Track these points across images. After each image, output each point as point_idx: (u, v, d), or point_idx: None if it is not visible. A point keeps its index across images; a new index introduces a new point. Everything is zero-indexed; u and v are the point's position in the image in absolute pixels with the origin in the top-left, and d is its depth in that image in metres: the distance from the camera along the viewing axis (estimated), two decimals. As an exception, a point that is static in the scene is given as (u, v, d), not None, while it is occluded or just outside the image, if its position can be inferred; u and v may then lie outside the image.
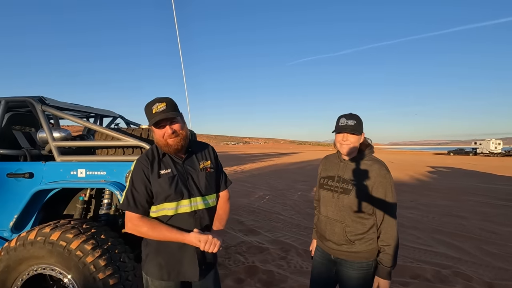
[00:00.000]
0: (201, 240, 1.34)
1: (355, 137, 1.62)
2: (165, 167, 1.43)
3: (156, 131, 1.40)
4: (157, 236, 1.37)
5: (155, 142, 1.47)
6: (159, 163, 1.44)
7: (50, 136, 2.34)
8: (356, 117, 1.64)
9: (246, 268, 3.46)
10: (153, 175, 1.40)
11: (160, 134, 1.39)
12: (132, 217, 1.39)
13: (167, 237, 1.36)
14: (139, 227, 1.38)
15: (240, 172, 15.05)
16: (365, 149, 1.68)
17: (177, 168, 1.45)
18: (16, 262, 1.91)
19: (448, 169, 19.14)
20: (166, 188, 1.39)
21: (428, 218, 6.10)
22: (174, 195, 1.39)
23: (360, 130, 1.62)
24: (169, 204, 1.40)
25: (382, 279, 1.55)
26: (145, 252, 1.49)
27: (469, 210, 6.89)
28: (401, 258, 3.87)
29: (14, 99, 2.52)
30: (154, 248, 1.44)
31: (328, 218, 1.69)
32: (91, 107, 3.32)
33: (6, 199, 2.32)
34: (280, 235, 4.80)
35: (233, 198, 7.88)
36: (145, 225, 1.37)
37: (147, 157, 1.44)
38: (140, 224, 1.37)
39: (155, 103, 1.37)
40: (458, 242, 4.63)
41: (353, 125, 1.61)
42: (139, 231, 1.39)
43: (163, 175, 1.41)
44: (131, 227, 1.40)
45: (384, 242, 1.56)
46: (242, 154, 41.70)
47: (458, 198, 8.48)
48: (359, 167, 1.63)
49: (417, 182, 12.26)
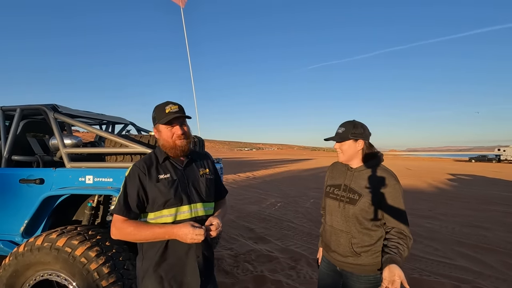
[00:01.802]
0: (195, 225, 1.27)
1: (345, 144, 1.58)
2: (164, 172, 1.40)
3: (164, 131, 1.40)
4: (146, 234, 1.29)
5: (160, 144, 1.44)
6: (157, 168, 1.40)
7: (61, 143, 2.40)
8: (347, 123, 1.59)
9: (254, 278, 3.39)
10: (151, 180, 1.36)
11: (168, 135, 1.39)
12: (115, 220, 1.32)
13: (157, 233, 1.29)
14: (123, 229, 1.30)
15: (252, 178, 15.00)
16: (373, 158, 1.60)
17: (177, 174, 1.42)
18: (23, 267, 1.94)
19: (469, 176, 18.35)
20: (166, 192, 1.34)
21: (447, 229, 5.81)
22: (174, 200, 1.35)
23: (348, 136, 1.56)
24: (168, 210, 1.36)
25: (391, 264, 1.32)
26: (142, 269, 1.38)
27: (492, 221, 6.52)
28: (417, 271, 3.69)
29: (28, 107, 2.60)
30: (154, 262, 1.36)
31: (334, 228, 1.63)
32: (103, 114, 3.39)
33: (18, 204, 2.37)
34: (290, 244, 4.69)
35: (244, 204, 7.86)
36: (130, 225, 1.30)
37: (144, 162, 1.41)
38: (124, 226, 1.30)
39: (168, 104, 1.40)
40: (480, 255, 4.37)
41: (341, 132, 1.57)
42: (125, 233, 1.30)
43: (162, 180, 1.37)
44: (115, 231, 1.32)
45: (396, 255, 1.38)
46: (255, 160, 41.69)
47: (481, 207, 8.07)
48: (367, 177, 1.55)
49: (435, 190, 11.79)
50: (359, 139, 1.57)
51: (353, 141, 1.57)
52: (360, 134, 1.57)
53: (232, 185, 12.04)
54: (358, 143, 1.58)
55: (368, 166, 1.59)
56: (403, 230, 1.45)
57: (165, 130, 1.40)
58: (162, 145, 1.43)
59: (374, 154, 1.62)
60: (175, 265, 1.37)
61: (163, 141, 1.41)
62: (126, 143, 2.29)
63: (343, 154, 1.61)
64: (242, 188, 11.32)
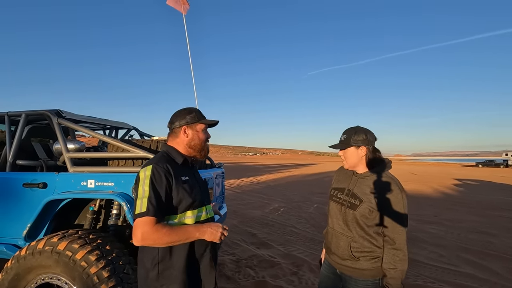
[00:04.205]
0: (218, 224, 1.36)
1: (347, 151, 1.59)
2: (184, 174, 1.40)
3: (202, 133, 1.47)
4: (180, 234, 1.25)
5: (189, 144, 1.45)
6: (179, 169, 1.38)
7: (64, 148, 2.43)
8: (349, 130, 1.60)
9: (256, 283, 3.37)
10: (177, 181, 1.32)
11: (205, 136, 1.49)
12: (143, 223, 1.20)
13: (190, 232, 1.28)
14: (157, 231, 1.21)
15: (256, 183, 14.97)
16: (379, 164, 1.59)
17: (191, 176, 1.45)
18: (25, 270, 1.96)
19: (476, 182, 18.09)
20: (191, 193, 1.35)
21: (452, 235, 5.73)
22: (198, 202, 1.39)
23: (349, 144, 1.57)
24: (192, 212, 1.36)
25: None
26: (163, 275, 1.30)
27: (499, 227, 6.41)
28: (421, 278, 3.63)
29: (33, 112, 2.65)
30: (178, 267, 1.30)
31: (335, 230, 1.63)
32: (106, 119, 3.44)
33: (21, 208, 2.41)
34: (293, 249, 4.66)
35: (247, 209, 7.85)
36: (163, 227, 1.23)
37: (167, 162, 1.35)
38: (158, 228, 1.21)
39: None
40: (486, 261, 4.29)
41: (343, 139, 1.59)
42: (159, 235, 1.21)
43: (186, 181, 1.37)
44: (144, 236, 1.19)
45: (390, 264, 1.45)
46: (259, 165, 41.65)
47: (487, 213, 7.94)
48: (370, 183, 1.54)
49: (441, 195, 11.64)
50: (361, 145, 1.57)
51: (355, 148, 1.57)
52: (361, 141, 1.56)
53: (236, 190, 12.02)
54: (360, 149, 1.57)
55: (373, 172, 1.58)
56: (396, 241, 1.45)
57: (204, 131, 1.48)
58: (193, 145, 1.45)
59: (381, 160, 1.60)
60: (194, 264, 1.37)
61: (198, 141, 1.46)
62: (128, 148, 2.32)
63: (347, 161, 1.62)
64: (245, 193, 11.30)
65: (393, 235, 1.45)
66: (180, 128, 1.44)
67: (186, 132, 1.44)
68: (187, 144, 1.44)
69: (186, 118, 1.44)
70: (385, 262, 1.47)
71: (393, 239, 1.45)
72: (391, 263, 1.45)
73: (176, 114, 1.48)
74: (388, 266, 1.45)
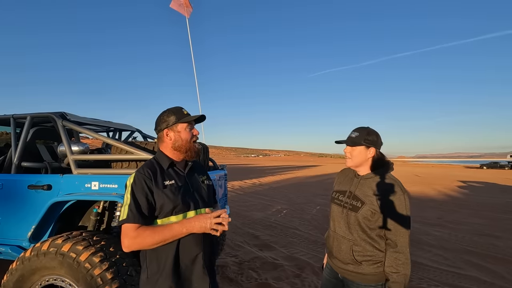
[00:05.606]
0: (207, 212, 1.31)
1: (356, 149, 1.56)
2: (169, 178, 1.39)
3: (184, 132, 1.42)
4: (164, 233, 1.25)
5: (174, 146, 1.42)
6: (162, 174, 1.38)
7: (68, 150, 2.45)
8: (361, 129, 1.57)
9: (258, 286, 3.36)
10: (158, 186, 1.33)
11: (189, 135, 1.43)
12: (127, 230, 1.24)
13: (175, 229, 1.26)
14: (139, 235, 1.23)
15: (259, 185, 14.95)
16: (382, 167, 1.58)
17: (181, 180, 1.43)
18: (29, 272, 1.98)
19: (480, 183, 17.93)
20: (173, 198, 1.33)
21: (457, 237, 5.68)
22: (182, 207, 1.34)
23: (360, 142, 1.55)
24: (176, 217, 1.34)
25: None
26: (149, 281, 1.31)
27: (504, 229, 6.35)
28: (425, 281, 3.61)
29: (38, 115, 2.68)
30: (165, 272, 1.29)
31: (336, 234, 1.61)
32: (110, 121, 3.46)
33: (26, 210, 2.43)
34: (295, 251, 4.65)
35: (249, 211, 7.84)
36: (146, 229, 1.24)
37: (148, 168, 1.37)
38: (139, 232, 1.23)
39: (182, 108, 1.46)
40: (491, 264, 4.26)
41: (354, 137, 1.55)
42: (141, 239, 1.23)
43: (168, 186, 1.36)
44: (129, 242, 1.23)
45: (392, 268, 1.43)
46: (262, 166, 41.61)
47: (492, 215, 7.87)
48: (372, 185, 1.53)
49: (445, 197, 11.55)
50: (371, 146, 1.55)
51: (365, 148, 1.56)
52: (373, 142, 1.55)
53: (238, 192, 12.02)
54: (369, 150, 1.56)
55: (375, 174, 1.56)
56: (399, 244, 1.43)
57: (186, 130, 1.42)
58: (178, 146, 1.42)
59: (384, 163, 1.59)
60: (185, 271, 1.35)
61: (182, 141, 1.41)
62: (131, 149, 2.33)
63: (352, 159, 1.59)
64: (248, 194, 11.29)
65: (395, 237, 1.43)
66: (163, 132, 1.43)
67: (168, 135, 1.42)
68: (172, 146, 1.43)
69: (166, 121, 1.42)
70: (387, 266, 1.45)
71: (395, 241, 1.44)
72: (393, 267, 1.43)
73: (158, 118, 1.47)
74: (391, 270, 1.43)
